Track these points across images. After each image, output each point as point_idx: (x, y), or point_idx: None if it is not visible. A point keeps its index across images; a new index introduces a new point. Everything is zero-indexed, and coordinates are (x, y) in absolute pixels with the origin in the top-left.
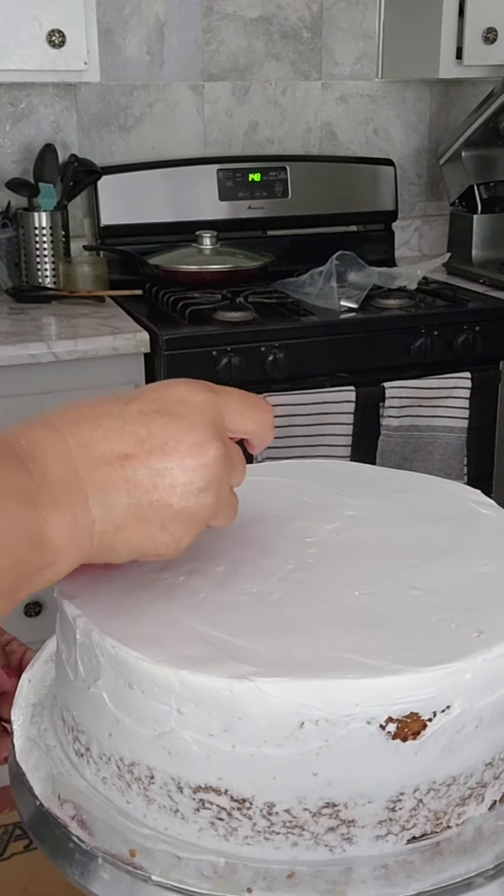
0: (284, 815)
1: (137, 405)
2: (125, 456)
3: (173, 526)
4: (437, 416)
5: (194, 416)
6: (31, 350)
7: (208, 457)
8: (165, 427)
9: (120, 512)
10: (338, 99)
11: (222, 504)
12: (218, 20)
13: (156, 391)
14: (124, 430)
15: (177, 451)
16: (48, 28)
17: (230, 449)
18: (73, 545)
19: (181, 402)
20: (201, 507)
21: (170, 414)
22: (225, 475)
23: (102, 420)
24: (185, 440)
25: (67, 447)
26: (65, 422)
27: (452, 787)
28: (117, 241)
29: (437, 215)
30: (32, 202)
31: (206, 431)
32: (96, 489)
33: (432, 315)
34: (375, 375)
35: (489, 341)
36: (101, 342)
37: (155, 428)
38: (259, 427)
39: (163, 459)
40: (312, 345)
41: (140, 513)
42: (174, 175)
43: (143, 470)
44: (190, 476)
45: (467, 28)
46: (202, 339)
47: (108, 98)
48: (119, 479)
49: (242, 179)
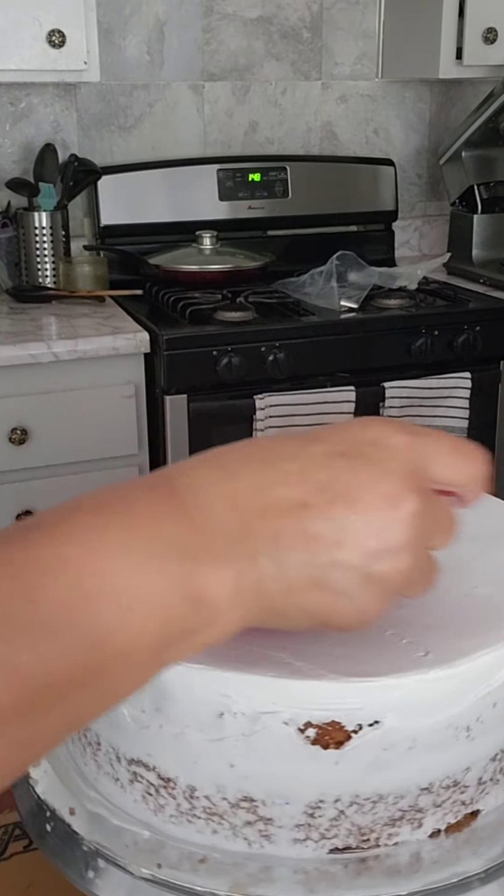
0: (205, 801)
1: (322, 446)
2: (303, 505)
3: (360, 594)
4: (437, 416)
5: (388, 462)
6: (31, 350)
7: (403, 511)
8: (353, 473)
9: (294, 571)
10: (338, 99)
11: (418, 570)
12: (218, 20)
13: (344, 430)
14: (304, 475)
15: (364, 501)
16: (48, 28)
17: (432, 504)
18: (236, 605)
19: (373, 445)
20: (394, 572)
21: (359, 458)
22: (423, 535)
23: (279, 462)
24: (375, 490)
25: (236, 491)
26: (235, 460)
27: (379, 805)
28: (117, 241)
29: (437, 215)
30: (32, 202)
31: (401, 480)
32: (267, 542)
33: (432, 315)
34: (375, 375)
35: (489, 341)
36: (102, 342)
37: (340, 473)
38: (470, 480)
39: (347, 511)
40: (312, 345)
41: (318, 574)
42: (174, 175)
43: (323, 522)
44: (379, 534)
45: (467, 28)
46: (202, 339)
47: (108, 98)
48: (295, 532)
49: (242, 179)
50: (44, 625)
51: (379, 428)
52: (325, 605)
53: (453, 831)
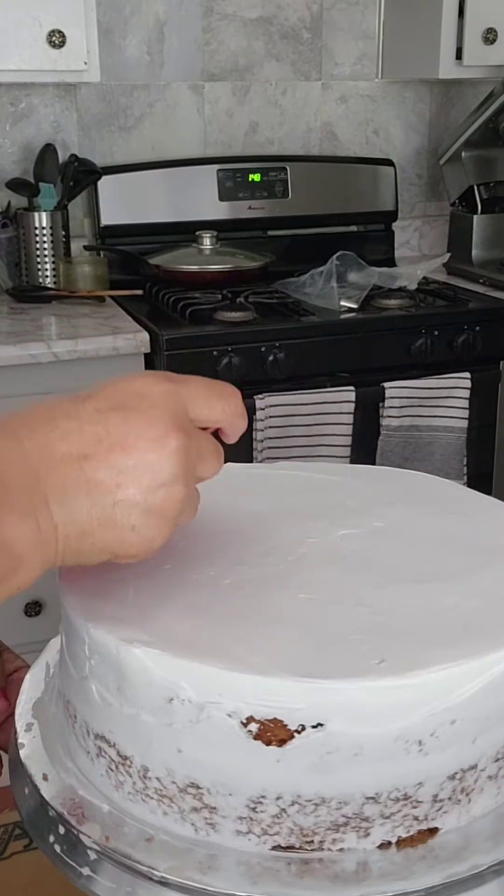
0: (156, 783)
1: (94, 403)
2: (84, 456)
3: (143, 525)
4: (437, 416)
5: (152, 409)
6: (31, 350)
7: (170, 448)
8: (124, 423)
9: (83, 515)
10: (338, 99)
11: (189, 498)
12: (218, 20)
13: (112, 386)
14: (82, 430)
15: (137, 446)
16: (48, 28)
17: (198, 440)
18: (36, 551)
19: (139, 396)
20: (170, 501)
21: (128, 409)
22: (190, 467)
23: (59, 421)
24: (144, 434)
25: (24, 451)
26: (21, 425)
27: (322, 808)
28: (117, 241)
29: (437, 215)
30: (32, 202)
31: (165, 423)
32: (56, 492)
33: (432, 315)
34: (375, 375)
35: (489, 341)
36: (102, 342)
37: (113, 425)
38: (227, 414)
39: (123, 457)
40: (312, 345)
41: (105, 515)
42: (174, 175)
43: (103, 470)
44: (154, 471)
45: (467, 28)
46: (202, 339)
47: (108, 98)
48: (79, 481)
49: (242, 179)
50: None
51: (143, 380)
52: (115, 541)
53: (406, 846)
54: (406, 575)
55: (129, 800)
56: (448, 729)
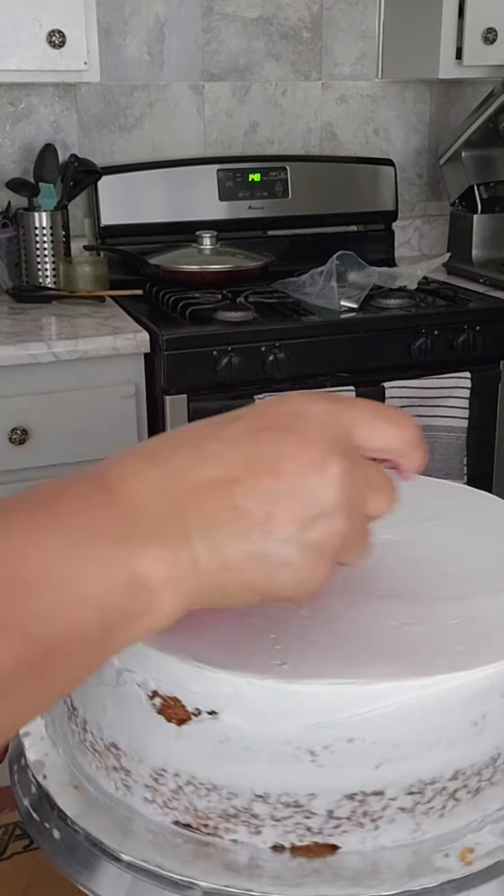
0: (90, 736)
1: (244, 423)
2: (230, 481)
3: (297, 563)
4: (437, 416)
5: (309, 430)
6: (31, 350)
7: (329, 474)
8: (276, 445)
9: (229, 548)
10: (338, 99)
11: (353, 533)
12: (218, 20)
13: (266, 406)
14: (227, 453)
15: (290, 471)
16: (48, 28)
17: (365, 468)
18: (174, 588)
19: (295, 415)
20: (328, 535)
21: (281, 430)
22: (353, 496)
23: (205, 443)
24: (299, 458)
25: (164, 475)
26: (163, 447)
27: (213, 795)
28: (117, 241)
29: (437, 215)
30: (33, 202)
31: (324, 446)
32: (198, 522)
33: (432, 315)
34: (375, 375)
35: (489, 341)
36: (102, 342)
37: (264, 447)
38: (401, 443)
39: (275, 482)
40: (313, 345)
41: (254, 548)
42: (174, 175)
43: (253, 497)
44: (310, 500)
45: (467, 28)
46: (202, 339)
47: (108, 98)
48: (224, 510)
49: (242, 179)
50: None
51: (298, 400)
52: (266, 579)
53: (300, 855)
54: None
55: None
56: (345, 746)
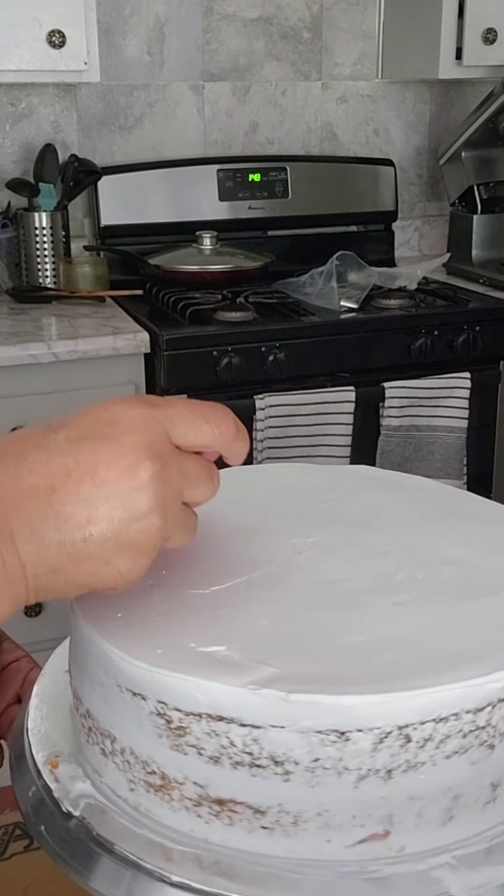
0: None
1: (65, 432)
2: (52, 489)
3: (118, 559)
4: (437, 416)
5: (125, 436)
6: (31, 350)
7: (141, 479)
8: (94, 453)
9: (53, 552)
10: (338, 99)
11: (173, 525)
12: (218, 20)
13: (86, 415)
14: (50, 462)
15: (107, 477)
16: (48, 28)
17: (182, 464)
18: (3, 588)
19: (111, 424)
20: (146, 534)
21: (99, 438)
22: (170, 495)
23: (28, 453)
24: (115, 464)
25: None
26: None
27: None
28: (117, 241)
29: (437, 215)
30: (33, 202)
31: (137, 451)
32: (23, 529)
33: (432, 315)
34: (375, 375)
35: (489, 341)
36: (102, 342)
37: (83, 455)
38: (217, 438)
39: (94, 489)
40: (313, 345)
41: (76, 551)
42: (174, 175)
43: (73, 503)
44: (126, 503)
45: (467, 28)
46: (202, 339)
47: (108, 98)
48: (47, 516)
49: (242, 179)
50: None
51: (116, 407)
52: (90, 576)
53: None
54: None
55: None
56: None
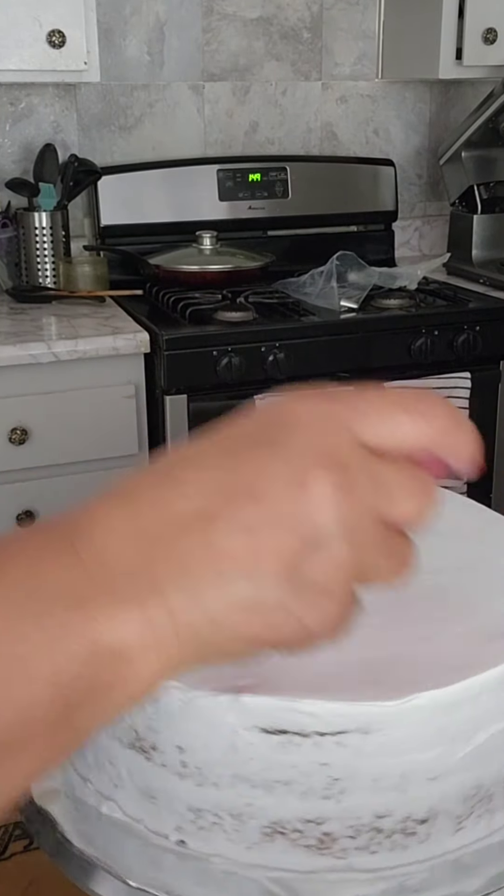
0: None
1: (224, 442)
2: (207, 516)
3: (298, 605)
4: None
5: (291, 440)
6: (31, 350)
7: (315, 493)
8: (254, 463)
9: (212, 598)
10: (338, 99)
11: (372, 555)
12: (218, 20)
13: (248, 417)
14: (201, 479)
15: (269, 494)
16: (48, 28)
17: (368, 472)
18: (151, 651)
19: (280, 425)
20: (328, 566)
21: (264, 445)
22: (360, 514)
23: (175, 472)
24: (278, 477)
25: (132, 515)
26: (136, 481)
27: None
28: (117, 241)
29: (437, 215)
30: (32, 202)
31: (307, 458)
32: (173, 570)
33: (432, 315)
34: (375, 375)
35: (489, 341)
36: (102, 342)
37: (243, 469)
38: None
39: (254, 511)
40: (313, 345)
41: (240, 596)
42: (174, 175)
43: (231, 533)
44: (297, 528)
45: (467, 28)
46: (202, 339)
47: (108, 98)
48: (202, 552)
49: (242, 179)
50: None
51: (286, 405)
52: (264, 628)
53: None
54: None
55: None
56: None
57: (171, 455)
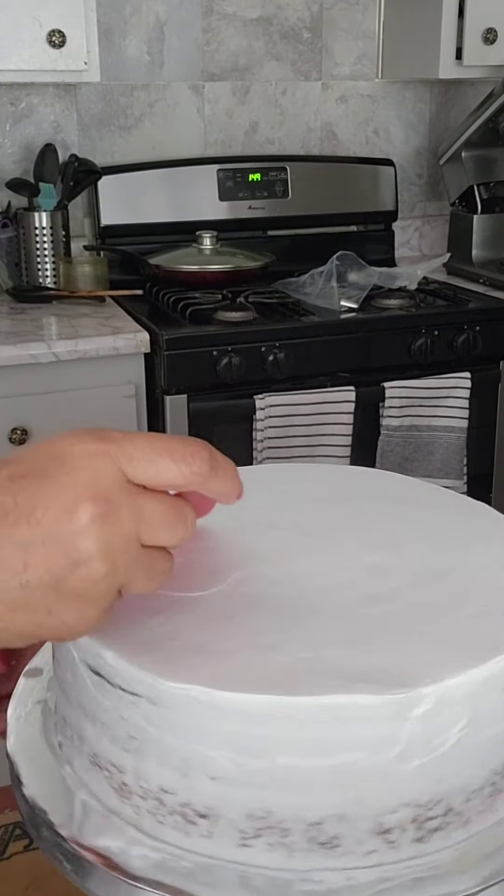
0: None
1: (8, 469)
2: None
3: (61, 609)
4: (437, 416)
5: (67, 474)
6: (31, 350)
7: (80, 523)
8: (33, 493)
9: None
10: (338, 99)
11: (129, 571)
12: (218, 20)
13: (35, 450)
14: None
15: (44, 519)
16: (48, 28)
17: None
18: None
19: (56, 459)
20: (89, 582)
21: (41, 476)
22: (119, 539)
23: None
24: (52, 506)
25: None
26: None
27: None
28: (117, 241)
29: (437, 215)
30: (33, 202)
31: (78, 490)
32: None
33: (432, 315)
34: (375, 375)
35: (489, 341)
36: (102, 342)
37: (22, 496)
38: (188, 477)
39: (29, 531)
40: (313, 345)
41: (13, 598)
42: (174, 175)
43: (8, 547)
44: (65, 548)
45: (467, 28)
46: (202, 339)
47: (108, 98)
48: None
49: (242, 179)
50: None
51: (63, 442)
52: (31, 626)
53: None
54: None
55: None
56: None
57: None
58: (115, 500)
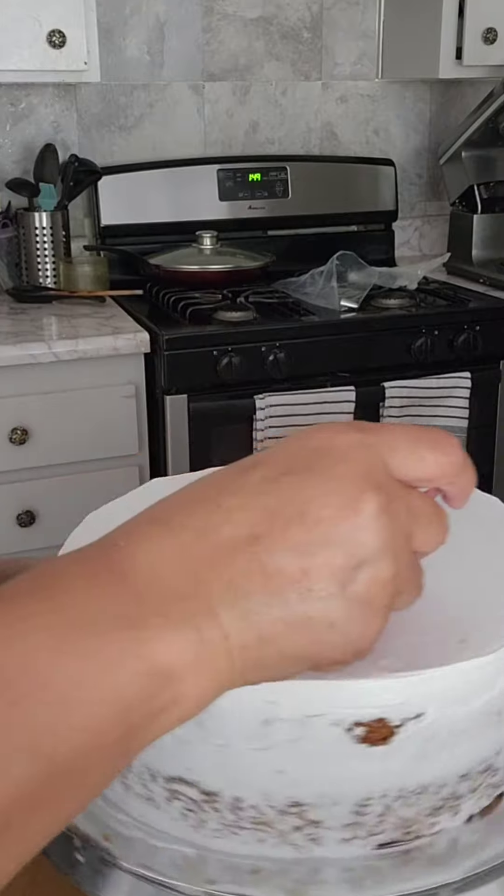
0: (251, 811)
1: (262, 470)
2: (254, 538)
3: (344, 621)
4: (437, 416)
5: (337, 466)
6: (31, 350)
7: (365, 515)
8: (300, 489)
9: (262, 617)
10: (338, 99)
11: (405, 577)
12: (218, 20)
13: (285, 446)
14: (247, 506)
15: (321, 517)
16: (48, 28)
17: (408, 499)
18: (202, 671)
19: (318, 453)
20: (376, 584)
21: (304, 471)
22: (399, 536)
23: (221, 499)
24: (329, 501)
25: (180, 542)
26: (177, 509)
27: (423, 797)
28: (118, 241)
29: (437, 215)
30: (33, 202)
31: (354, 482)
32: (224, 591)
33: (432, 315)
34: (375, 375)
35: (489, 341)
36: (102, 342)
37: (287, 494)
38: (443, 469)
39: (304, 533)
40: (313, 345)
41: (291, 613)
42: (174, 175)
43: (281, 553)
44: (349, 547)
45: (467, 28)
46: (203, 339)
47: (108, 98)
48: (251, 573)
49: (243, 179)
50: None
51: (323, 434)
52: (311, 645)
53: (486, 814)
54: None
55: (216, 836)
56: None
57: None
58: (393, 492)
